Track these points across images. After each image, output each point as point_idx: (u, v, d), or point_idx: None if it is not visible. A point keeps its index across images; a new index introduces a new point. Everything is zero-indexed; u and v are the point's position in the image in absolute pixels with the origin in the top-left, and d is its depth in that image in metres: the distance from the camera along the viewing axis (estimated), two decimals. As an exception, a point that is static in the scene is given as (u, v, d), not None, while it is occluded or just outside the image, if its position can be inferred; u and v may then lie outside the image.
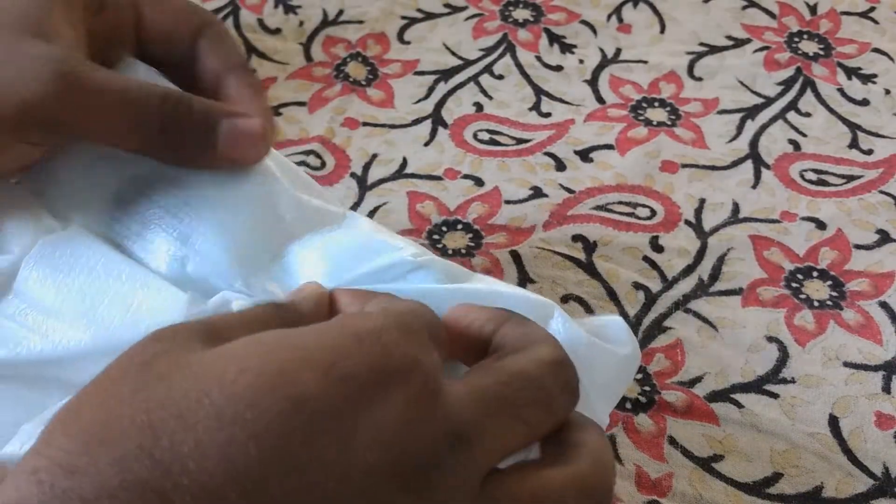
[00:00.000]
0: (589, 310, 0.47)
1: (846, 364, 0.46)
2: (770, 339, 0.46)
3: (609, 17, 0.65)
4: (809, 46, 0.63)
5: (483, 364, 0.26)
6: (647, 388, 0.44)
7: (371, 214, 0.52)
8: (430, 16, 0.65)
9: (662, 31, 0.65)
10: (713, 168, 0.55)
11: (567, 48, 0.63)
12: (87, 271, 0.33)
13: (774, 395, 0.44)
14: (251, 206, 0.34)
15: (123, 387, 0.22)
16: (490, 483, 0.24)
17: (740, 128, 0.58)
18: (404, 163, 0.55)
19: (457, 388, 0.24)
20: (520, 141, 0.57)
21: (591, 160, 0.55)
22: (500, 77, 0.61)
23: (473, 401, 0.24)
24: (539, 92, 0.60)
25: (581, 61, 0.62)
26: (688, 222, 0.52)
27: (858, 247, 0.51)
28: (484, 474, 0.24)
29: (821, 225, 0.52)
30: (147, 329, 0.31)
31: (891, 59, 0.62)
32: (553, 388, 0.26)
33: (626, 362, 0.32)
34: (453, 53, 0.62)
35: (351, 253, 0.33)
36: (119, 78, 0.33)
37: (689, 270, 0.49)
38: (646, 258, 0.50)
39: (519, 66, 0.62)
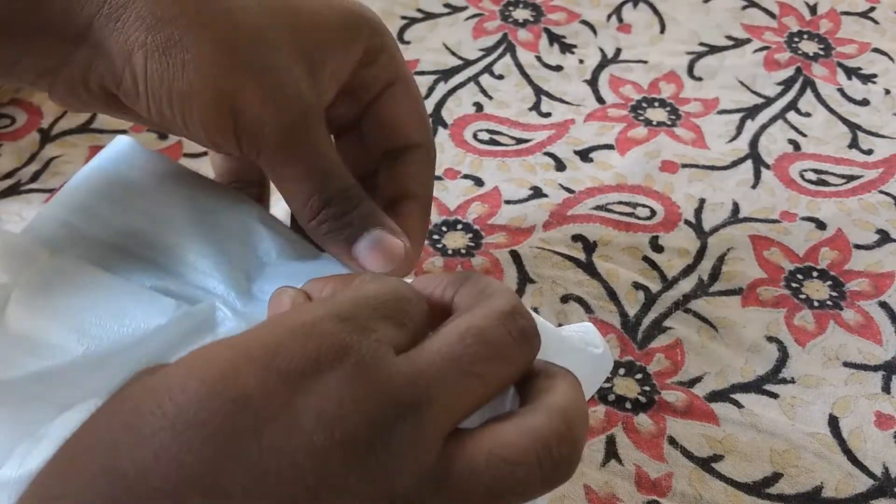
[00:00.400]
0: (589, 310, 0.47)
1: (846, 364, 0.46)
2: (770, 339, 0.46)
3: (609, 17, 0.65)
4: (809, 46, 0.63)
5: (438, 329, 0.26)
6: (646, 388, 0.44)
7: (371, 214, 0.52)
8: (430, 16, 0.65)
9: (662, 31, 0.65)
10: (713, 168, 0.55)
11: (567, 48, 0.63)
12: (75, 289, 0.33)
13: (774, 395, 0.44)
14: (225, 241, 0.36)
15: (97, 417, 0.23)
16: (449, 445, 0.24)
17: (740, 128, 0.58)
18: (404, 163, 0.55)
19: (402, 358, 0.24)
20: (520, 141, 0.57)
21: (591, 160, 0.55)
22: (500, 77, 0.61)
23: (421, 366, 0.24)
24: (539, 92, 0.60)
25: (581, 61, 0.62)
26: (688, 222, 0.52)
27: (858, 247, 0.51)
28: (444, 437, 0.24)
29: (821, 225, 0.52)
30: (141, 334, 0.32)
31: (891, 59, 0.62)
32: (505, 337, 0.26)
33: (598, 361, 0.33)
34: (453, 53, 0.62)
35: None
36: (328, 143, 0.36)
37: (689, 270, 0.49)
38: (646, 258, 0.50)
39: (519, 66, 0.62)
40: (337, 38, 0.37)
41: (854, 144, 0.57)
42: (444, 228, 0.51)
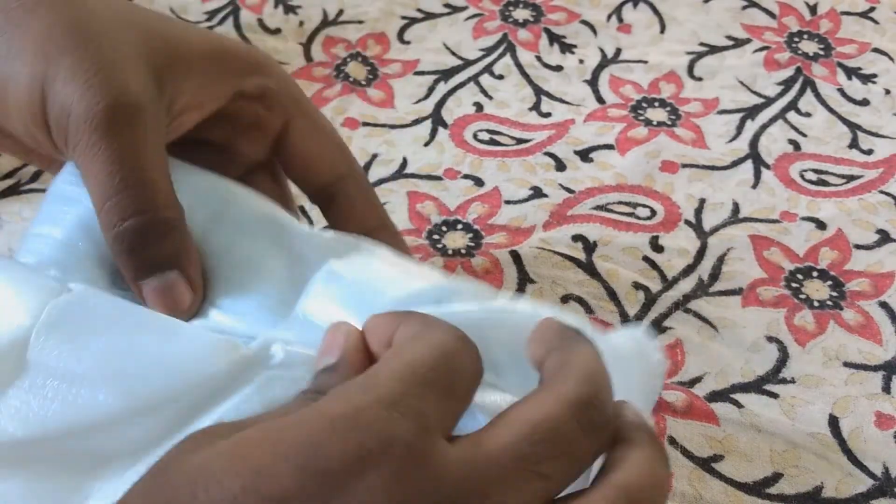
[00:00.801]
0: (589, 310, 0.47)
1: (846, 364, 0.46)
2: (770, 339, 0.46)
3: (609, 17, 0.65)
4: (809, 46, 0.63)
5: (506, 414, 0.24)
6: (647, 388, 0.44)
7: (371, 214, 0.52)
8: (430, 16, 0.65)
9: (662, 31, 0.65)
10: (713, 168, 0.55)
11: (567, 48, 0.63)
12: (108, 328, 0.30)
13: (774, 395, 0.44)
14: (266, 256, 0.34)
15: (134, 492, 0.23)
16: None
17: (740, 128, 0.58)
18: (404, 163, 0.55)
19: (458, 450, 0.23)
20: (520, 141, 0.57)
21: (591, 160, 0.55)
22: (500, 77, 0.61)
23: (480, 463, 0.22)
24: (539, 92, 0.60)
25: (581, 61, 0.62)
26: (688, 222, 0.52)
27: (858, 247, 0.51)
28: None
29: (821, 225, 0.52)
30: (186, 380, 0.29)
31: (891, 59, 0.62)
32: (577, 433, 0.24)
33: (656, 368, 0.31)
34: (453, 53, 0.62)
35: (374, 285, 0.32)
36: (154, 154, 0.33)
37: (689, 270, 0.49)
38: (646, 258, 0.50)
39: (519, 66, 0.62)
40: (198, 66, 0.35)
41: (854, 144, 0.57)
42: (444, 228, 0.51)
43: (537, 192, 0.53)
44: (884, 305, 0.48)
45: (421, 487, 0.22)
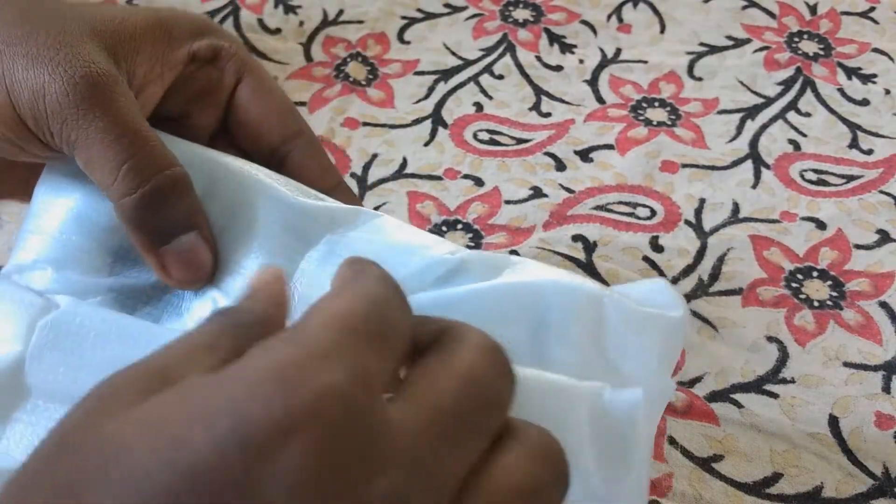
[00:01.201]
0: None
1: (846, 364, 0.46)
2: (770, 339, 0.46)
3: (609, 17, 0.65)
4: (809, 46, 0.63)
5: (423, 363, 0.23)
6: (647, 388, 0.44)
7: (371, 214, 0.52)
8: (430, 16, 0.65)
9: (662, 31, 0.65)
10: (713, 168, 0.55)
11: (567, 48, 0.63)
12: (102, 344, 0.30)
13: (774, 395, 0.44)
14: (261, 233, 0.33)
15: (36, 459, 0.21)
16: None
17: (740, 128, 0.58)
18: (404, 163, 0.55)
19: (396, 410, 0.21)
20: (520, 141, 0.57)
21: (591, 160, 0.55)
22: (500, 77, 0.61)
23: (420, 420, 0.21)
24: (539, 92, 0.60)
25: (581, 61, 0.62)
26: (688, 222, 0.52)
27: (858, 247, 0.51)
28: (451, 497, 0.21)
29: (821, 225, 0.52)
30: None
31: (891, 59, 0.62)
32: (498, 380, 0.23)
33: (679, 324, 0.30)
34: (453, 53, 0.62)
35: (380, 259, 0.31)
36: (140, 115, 0.32)
37: (689, 270, 0.49)
38: (646, 258, 0.50)
39: (519, 66, 0.62)
40: (146, 38, 0.34)
41: (854, 144, 0.57)
42: (444, 228, 0.51)
43: (537, 192, 0.53)
44: (884, 305, 0.48)
45: (362, 454, 0.20)
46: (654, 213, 0.52)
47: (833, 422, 0.43)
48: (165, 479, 0.19)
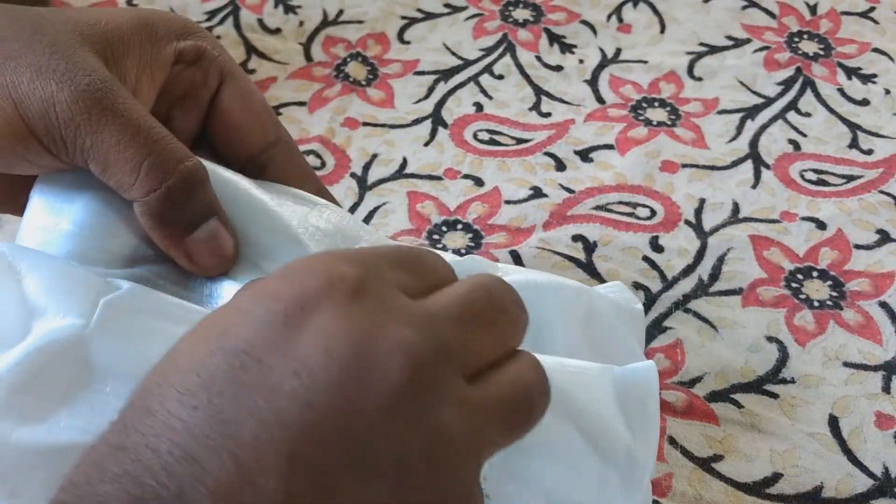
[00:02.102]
0: (589, 310, 0.47)
1: (846, 364, 0.46)
2: (770, 339, 0.46)
3: (609, 17, 0.65)
4: (809, 46, 0.63)
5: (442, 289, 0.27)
6: (646, 388, 0.44)
7: (371, 214, 0.52)
8: (430, 16, 0.65)
9: (662, 31, 0.65)
10: (713, 168, 0.55)
11: (567, 48, 0.63)
12: (158, 326, 0.30)
13: (774, 395, 0.44)
14: (267, 247, 0.34)
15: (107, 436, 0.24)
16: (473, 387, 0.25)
17: (740, 128, 0.58)
18: (404, 163, 0.55)
19: (414, 301, 0.25)
20: (520, 141, 0.57)
21: (591, 160, 0.55)
22: (500, 77, 0.61)
23: (434, 308, 0.25)
24: (539, 92, 0.60)
25: (581, 61, 0.62)
26: (688, 222, 0.52)
27: (858, 247, 0.51)
28: (464, 377, 0.24)
29: (821, 225, 0.52)
30: None
31: (891, 59, 0.62)
32: (509, 296, 0.27)
33: (642, 315, 0.38)
34: (453, 53, 0.62)
35: None
36: (151, 120, 0.33)
37: (689, 270, 0.49)
38: (646, 258, 0.50)
39: (519, 66, 0.62)
40: (133, 40, 0.35)
41: (854, 144, 0.57)
42: (444, 228, 0.51)
43: (537, 192, 0.53)
44: (884, 305, 0.48)
45: (381, 306, 0.24)
46: (654, 213, 0.52)
47: (833, 422, 0.43)
48: (217, 362, 0.23)
